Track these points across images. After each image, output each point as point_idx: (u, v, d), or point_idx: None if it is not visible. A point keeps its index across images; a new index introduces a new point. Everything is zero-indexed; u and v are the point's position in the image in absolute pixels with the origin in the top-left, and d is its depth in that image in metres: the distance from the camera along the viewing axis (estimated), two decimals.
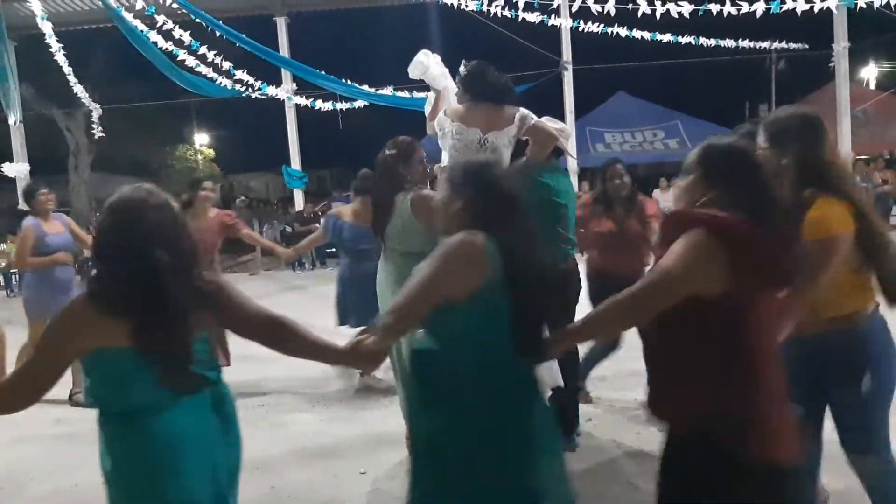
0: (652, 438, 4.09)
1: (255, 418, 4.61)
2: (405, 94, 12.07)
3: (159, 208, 1.95)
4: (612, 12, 9.76)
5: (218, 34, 10.47)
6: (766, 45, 14.78)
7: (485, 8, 10.28)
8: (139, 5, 9.61)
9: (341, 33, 26.00)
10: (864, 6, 9.19)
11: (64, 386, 5.80)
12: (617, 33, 10.94)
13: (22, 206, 9.09)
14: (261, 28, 14.82)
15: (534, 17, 10.71)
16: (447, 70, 4.15)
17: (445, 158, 3.93)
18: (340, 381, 5.54)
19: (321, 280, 11.23)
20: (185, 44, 10.73)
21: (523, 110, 3.86)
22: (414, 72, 4.33)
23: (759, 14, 9.60)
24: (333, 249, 14.32)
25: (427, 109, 4.19)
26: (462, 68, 3.92)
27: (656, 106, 18.57)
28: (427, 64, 4.26)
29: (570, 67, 15.01)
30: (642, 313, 1.92)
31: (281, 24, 15.70)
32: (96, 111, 13.20)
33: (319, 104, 13.57)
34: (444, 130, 3.84)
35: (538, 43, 14.15)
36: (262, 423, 4.65)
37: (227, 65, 11.38)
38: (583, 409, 4.24)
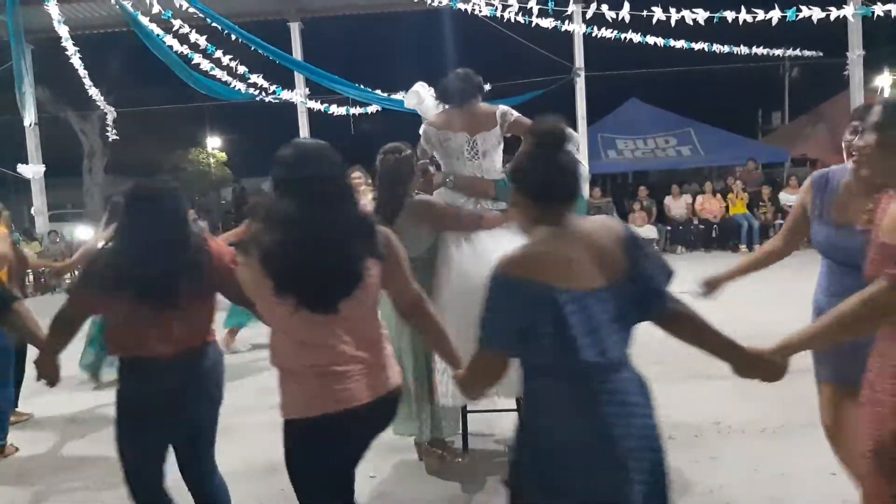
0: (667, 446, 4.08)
1: (270, 420, 4.61)
2: None
3: None
4: (627, 19, 9.74)
5: (234, 38, 10.52)
6: (779, 52, 14.72)
7: (498, 14, 10.29)
8: (156, 9, 9.68)
9: (355, 39, 26.07)
10: (881, 14, 9.14)
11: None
12: (630, 39, 10.91)
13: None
14: (275, 33, 14.88)
15: (547, 23, 10.70)
16: (441, 105, 4.21)
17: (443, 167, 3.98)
18: None
19: None
20: (201, 47, 10.81)
21: (503, 107, 3.91)
22: (409, 101, 4.41)
23: (774, 22, 9.57)
24: None
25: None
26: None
27: (669, 113, 18.51)
28: (423, 96, 4.35)
29: (583, 74, 15.00)
30: None
31: (295, 29, 15.77)
32: (111, 114, 13.30)
33: (333, 109, 13.62)
34: (432, 141, 3.88)
35: (551, 49, 14.14)
36: (277, 425, 4.67)
37: (242, 69, 11.45)
38: None
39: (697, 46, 11.99)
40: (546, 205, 1.86)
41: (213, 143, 30.12)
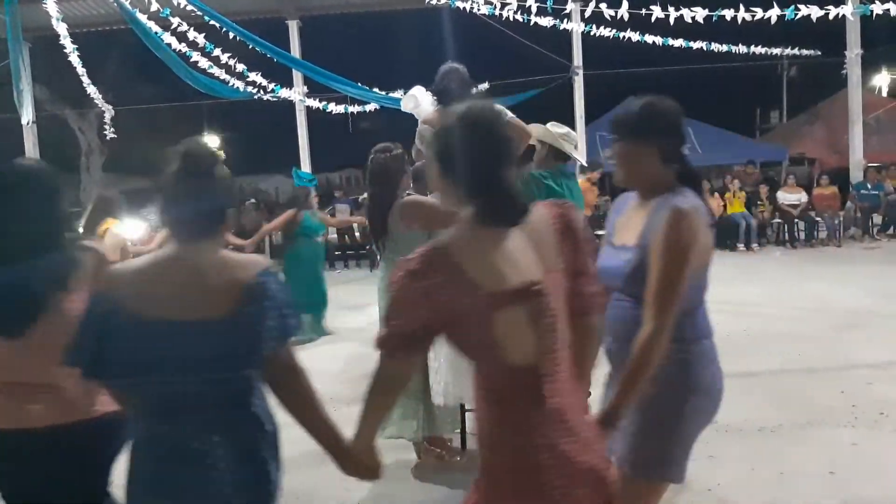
0: None
1: None
2: None
3: None
4: (626, 17, 9.74)
5: (232, 36, 10.52)
6: (778, 51, 14.72)
7: (497, 12, 10.29)
8: (154, 7, 9.67)
9: (353, 37, 26.07)
10: (880, 13, 9.14)
11: None
12: (629, 38, 10.91)
13: None
14: (273, 31, 14.87)
15: (546, 22, 10.70)
16: None
17: None
18: (351, 383, 5.55)
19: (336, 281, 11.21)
20: (199, 45, 10.80)
21: (497, 106, 3.92)
22: (406, 105, 4.42)
23: (773, 20, 9.57)
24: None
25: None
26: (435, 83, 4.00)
27: None
28: (420, 99, 4.35)
29: (581, 72, 14.99)
30: None
31: (293, 27, 15.76)
32: (108, 112, 13.27)
33: (332, 107, 13.62)
34: (427, 139, 3.89)
35: (549, 48, 14.14)
36: None
37: (240, 67, 11.45)
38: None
39: (696, 45, 12.00)
40: (171, 229, 1.81)
41: (211, 141, 30.10)
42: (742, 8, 9.82)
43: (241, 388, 1.78)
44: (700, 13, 9.76)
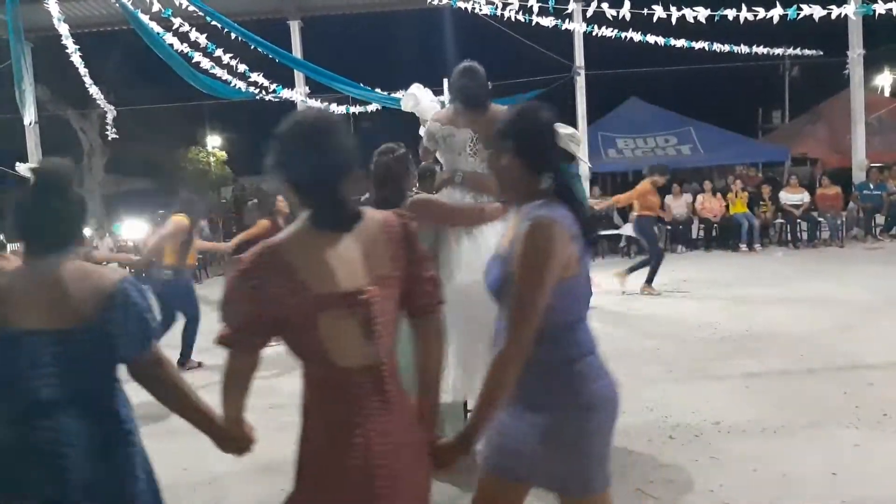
0: (663, 446, 4.07)
1: (266, 420, 4.62)
2: None
3: None
4: (627, 17, 9.73)
5: (234, 37, 10.52)
6: (780, 51, 14.70)
7: (498, 13, 10.28)
8: (155, 7, 9.67)
9: (354, 37, 26.08)
10: (882, 13, 9.12)
11: None
12: (631, 38, 10.89)
13: None
14: (275, 31, 14.88)
15: (548, 22, 10.69)
16: (438, 106, 4.22)
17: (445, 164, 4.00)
18: None
19: None
20: (201, 46, 10.80)
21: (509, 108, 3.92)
22: (407, 104, 4.42)
23: (775, 20, 9.56)
24: None
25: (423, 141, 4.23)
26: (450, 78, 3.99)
27: (669, 112, 18.50)
28: (419, 97, 4.36)
29: (583, 73, 14.99)
30: None
31: (294, 27, 15.78)
32: (110, 113, 13.28)
33: (333, 107, 13.63)
34: (436, 137, 3.89)
35: (551, 48, 14.14)
36: (273, 424, 4.65)
37: (242, 67, 11.45)
38: None
39: (698, 45, 11.98)
40: (24, 243, 1.89)
41: (213, 141, 30.08)
42: (744, 8, 9.79)
43: (102, 390, 1.87)
44: (702, 13, 9.74)
